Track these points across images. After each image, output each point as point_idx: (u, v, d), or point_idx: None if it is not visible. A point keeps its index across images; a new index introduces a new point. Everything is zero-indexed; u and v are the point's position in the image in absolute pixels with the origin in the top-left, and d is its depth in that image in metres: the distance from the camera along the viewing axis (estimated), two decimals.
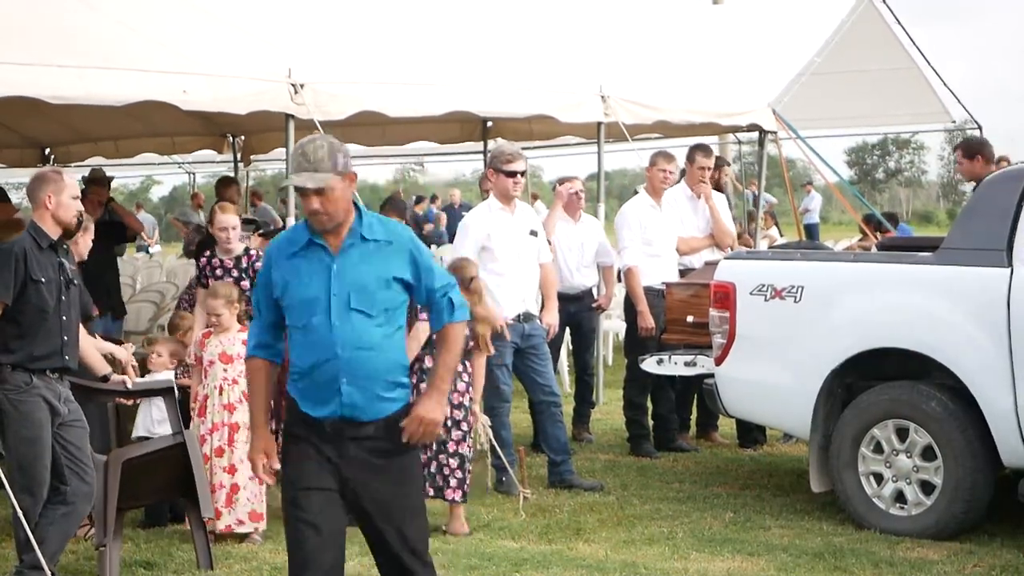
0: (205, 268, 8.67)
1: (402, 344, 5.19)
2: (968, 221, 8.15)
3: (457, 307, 5.20)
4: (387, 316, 5.08)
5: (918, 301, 7.87)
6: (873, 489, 7.95)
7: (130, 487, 7.04)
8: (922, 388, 7.85)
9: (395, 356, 5.13)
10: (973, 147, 10.15)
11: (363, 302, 5.03)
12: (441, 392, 5.19)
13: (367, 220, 5.11)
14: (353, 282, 5.03)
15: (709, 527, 8.07)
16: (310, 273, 5.07)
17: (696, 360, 9.04)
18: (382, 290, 5.05)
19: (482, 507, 8.54)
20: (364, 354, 5.03)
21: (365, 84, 9.79)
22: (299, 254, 5.11)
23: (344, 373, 5.04)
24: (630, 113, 11.95)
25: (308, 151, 5.01)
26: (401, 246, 5.12)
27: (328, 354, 5.04)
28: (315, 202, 4.99)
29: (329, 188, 4.97)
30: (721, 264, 8.82)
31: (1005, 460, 7.60)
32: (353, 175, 5.09)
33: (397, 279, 5.09)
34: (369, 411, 5.08)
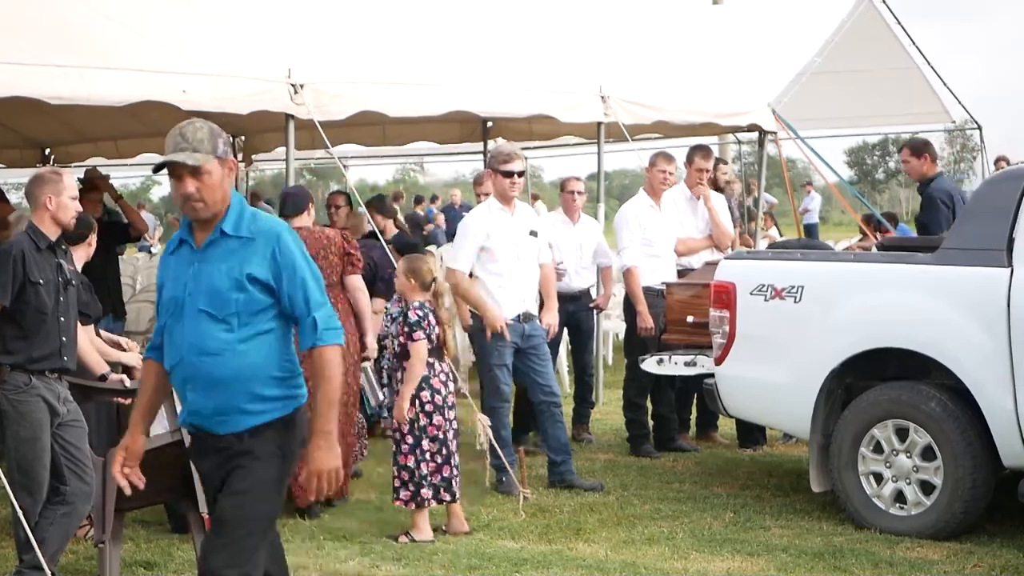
0: None
1: (267, 351, 4.72)
2: (968, 221, 8.15)
3: (323, 329, 4.72)
4: (241, 320, 4.68)
5: (918, 301, 7.87)
6: (873, 489, 7.95)
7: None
8: (922, 388, 7.85)
9: (253, 364, 4.69)
10: (919, 147, 10.13)
11: (212, 303, 4.69)
12: (327, 435, 4.71)
13: (234, 215, 4.76)
14: (206, 282, 4.71)
15: (709, 527, 8.07)
16: (177, 272, 4.82)
17: (696, 360, 9.03)
18: (235, 291, 4.68)
19: (482, 507, 8.54)
20: (208, 360, 4.68)
21: (365, 84, 9.77)
22: (174, 252, 4.88)
23: (189, 379, 4.75)
24: (630, 113, 11.94)
25: (187, 132, 4.72)
26: (264, 244, 4.73)
27: (176, 358, 4.77)
28: (190, 185, 4.67)
29: (207, 171, 4.66)
30: (721, 264, 8.82)
31: (1005, 460, 7.60)
32: (233, 163, 4.80)
33: (254, 279, 4.70)
34: (220, 423, 4.75)
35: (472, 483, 9.03)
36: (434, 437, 7.90)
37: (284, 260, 4.71)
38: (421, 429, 7.88)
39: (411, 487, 7.87)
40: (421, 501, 7.84)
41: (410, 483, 7.87)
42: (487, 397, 9.04)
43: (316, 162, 26.15)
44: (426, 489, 7.85)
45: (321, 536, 7.95)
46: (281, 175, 10.04)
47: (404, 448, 7.88)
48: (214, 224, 4.74)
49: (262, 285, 4.70)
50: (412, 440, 7.86)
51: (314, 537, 7.93)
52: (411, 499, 7.88)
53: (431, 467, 7.87)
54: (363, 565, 7.39)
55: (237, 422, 4.72)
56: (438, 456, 7.91)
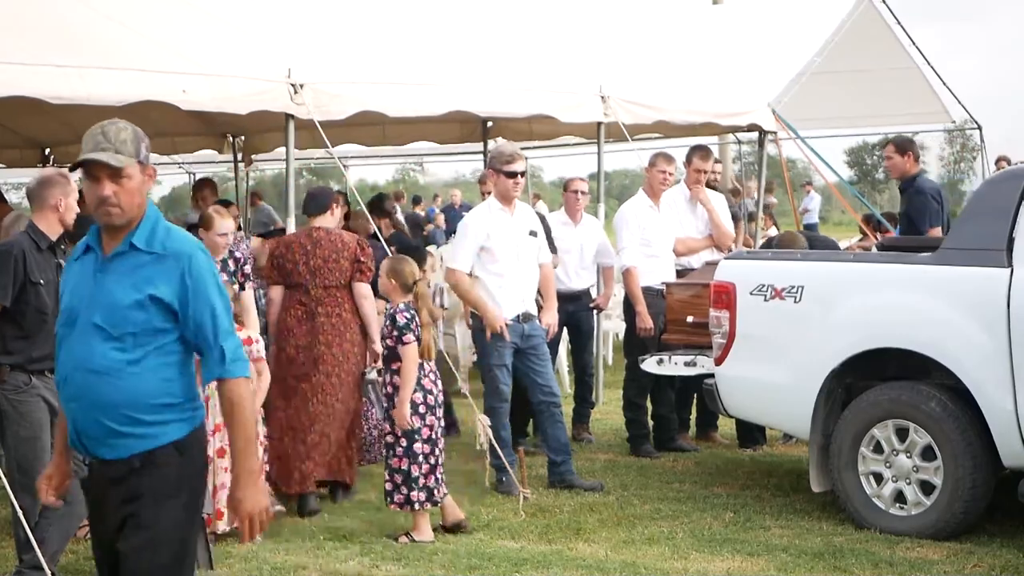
0: None
1: (161, 378, 4.38)
2: (968, 221, 8.15)
3: (231, 360, 4.42)
4: (137, 341, 4.34)
5: (918, 301, 7.87)
6: (873, 489, 7.95)
7: None
8: (922, 388, 7.85)
9: (143, 388, 4.34)
10: (904, 144, 10.17)
11: (108, 319, 4.34)
12: (251, 474, 4.43)
13: (147, 228, 4.43)
14: (107, 296, 4.36)
15: (709, 527, 8.07)
16: (78, 280, 4.48)
17: (696, 360, 9.03)
18: (135, 310, 4.33)
19: (482, 507, 8.54)
20: (94, 379, 4.34)
21: (365, 84, 9.77)
22: (79, 259, 4.54)
23: (73, 398, 4.41)
24: (630, 113, 11.93)
25: (109, 131, 4.39)
26: (174, 263, 4.39)
27: (63, 374, 4.46)
28: (108, 188, 4.34)
29: (127, 175, 4.35)
30: (721, 264, 8.82)
31: (1005, 460, 7.60)
32: (153, 171, 4.51)
33: (157, 300, 4.35)
34: (107, 447, 4.39)
35: (472, 483, 9.03)
36: (427, 438, 7.90)
37: (194, 283, 4.38)
38: (415, 431, 7.88)
39: (403, 490, 7.86)
40: (414, 504, 7.84)
41: (403, 486, 7.86)
42: (487, 397, 9.04)
43: (316, 162, 26.14)
44: (417, 492, 7.84)
45: (321, 536, 7.95)
46: (281, 175, 10.02)
47: (398, 451, 7.87)
48: (125, 234, 4.41)
49: (165, 307, 4.37)
50: (406, 443, 7.86)
51: (314, 537, 7.93)
52: (404, 503, 7.88)
53: (424, 469, 7.87)
54: (363, 565, 7.39)
55: (125, 446, 4.37)
56: (431, 457, 7.91)
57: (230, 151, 15.71)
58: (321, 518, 8.33)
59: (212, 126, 14.65)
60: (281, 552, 7.55)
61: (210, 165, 20.99)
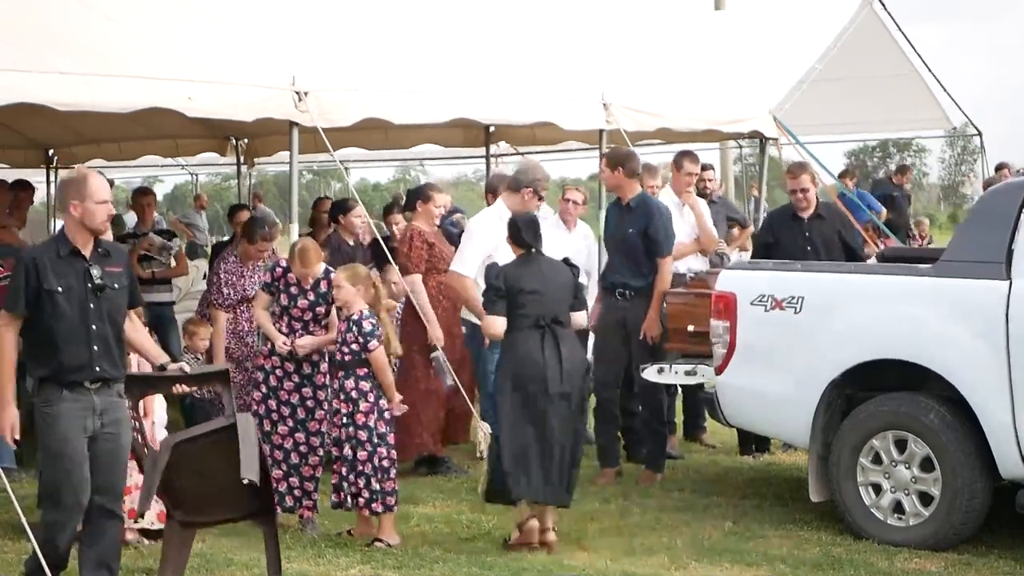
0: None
1: None
2: (967, 233, 8.21)
3: None
4: None
5: (918, 313, 7.92)
6: (872, 499, 7.99)
7: (190, 484, 6.78)
8: (921, 400, 7.90)
9: None
10: (617, 159, 9.72)
11: None
12: None
13: None
14: None
15: (709, 536, 8.12)
16: None
17: (697, 369, 9.06)
18: None
19: (482, 515, 8.57)
20: None
21: (369, 91, 9.80)
22: None
23: None
24: (632, 120, 11.96)
25: None
26: None
27: None
28: None
29: None
30: (722, 274, 8.86)
31: (1003, 472, 7.65)
32: None
33: None
34: None
35: (473, 490, 9.06)
36: (392, 444, 8.14)
37: None
38: (380, 437, 8.03)
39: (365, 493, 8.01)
40: (377, 508, 8.03)
41: (373, 488, 8.00)
42: (484, 403, 9.09)
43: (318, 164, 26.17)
44: (389, 496, 8.03)
45: (323, 543, 7.99)
46: (281, 174, 10.03)
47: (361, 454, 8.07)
48: None
49: None
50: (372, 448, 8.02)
51: (315, 544, 7.97)
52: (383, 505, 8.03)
53: (393, 473, 8.10)
54: (364, 573, 7.43)
55: None
56: (388, 460, 8.06)
57: (233, 154, 15.76)
58: (322, 524, 8.37)
59: (215, 129, 14.68)
60: (283, 560, 7.57)
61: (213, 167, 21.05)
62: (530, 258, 8.02)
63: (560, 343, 7.80)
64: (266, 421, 8.34)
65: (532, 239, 8.01)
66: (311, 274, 8.37)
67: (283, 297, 8.44)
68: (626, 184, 9.60)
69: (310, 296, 8.39)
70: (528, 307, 7.83)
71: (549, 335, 7.81)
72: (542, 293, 7.85)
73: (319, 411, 8.36)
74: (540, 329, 7.81)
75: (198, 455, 6.72)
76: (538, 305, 7.84)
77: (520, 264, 8.01)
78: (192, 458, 6.70)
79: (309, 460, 8.38)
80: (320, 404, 8.36)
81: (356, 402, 8.02)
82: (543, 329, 7.82)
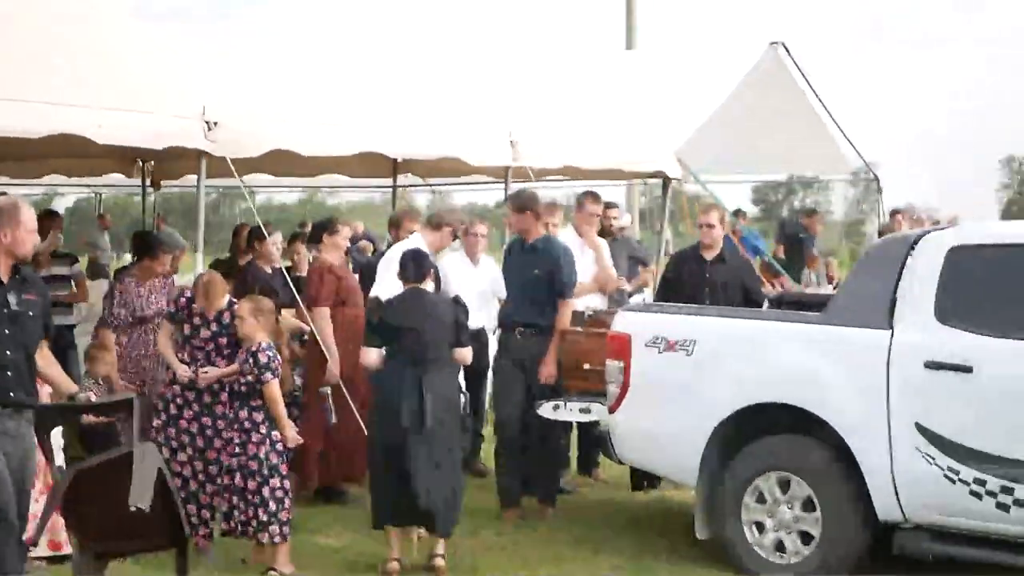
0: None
1: None
2: (854, 282, 8.53)
3: None
4: None
5: (804, 359, 8.21)
6: (755, 537, 8.25)
7: (96, 513, 6.76)
8: (805, 442, 8.18)
9: None
10: (522, 203, 9.97)
11: None
12: None
13: None
14: None
15: (599, 570, 8.32)
16: None
17: (591, 407, 9.27)
18: None
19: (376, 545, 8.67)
20: None
21: (277, 122, 9.94)
22: None
23: None
24: (538, 157, 12.22)
25: None
26: None
27: None
28: None
29: None
30: (618, 315, 9.11)
31: (880, 514, 7.94)
32: None
33: None
34: None
35: None
36: (285, 475, 8.28)
37: None
38: (272, 468, 8.17)
39: (254, 522, 8.15)
40: (274, 537, 8.17)
41: (261, 518, 8.14)
42: None
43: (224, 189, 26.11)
44: (275, 525, 8.14)
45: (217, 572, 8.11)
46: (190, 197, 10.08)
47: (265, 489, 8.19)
48: None
49: None
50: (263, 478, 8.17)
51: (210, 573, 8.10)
52: (279, 535, 8.17)
53: (287, 504, 8.22)
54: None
55: None
56: (281, 491, 8.20)
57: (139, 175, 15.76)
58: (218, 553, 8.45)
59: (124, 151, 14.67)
60: None
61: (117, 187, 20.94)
62: (414, 293, 8.27)
63: (426, 378, 8.04)
64: (165, 449, 8.43)
65: (415, 275, 8.29)
66: (215, 306, 8.49)
67: (186, 327, 8.55)
68: (532, 226, 9.82)
69: (213, 327, 8.52)
70: (404, 341, 8.10)
71: (416, 370, 8.05)
72: (420, 329, 8.11)
73: (217, 440, 8.47)
74: (411, 364, 8.06)
75: (102, 483, 6.72)
76: (414, 340, 8.09)
77: (402, 299, 8.29)
78: (97, 486, 6.72)
79: (207, 488, 8.48)
80: (219, 433, 8.47)
81: (249, 432, 8.16)
82: (413, 364, 8.07)
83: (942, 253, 8.00)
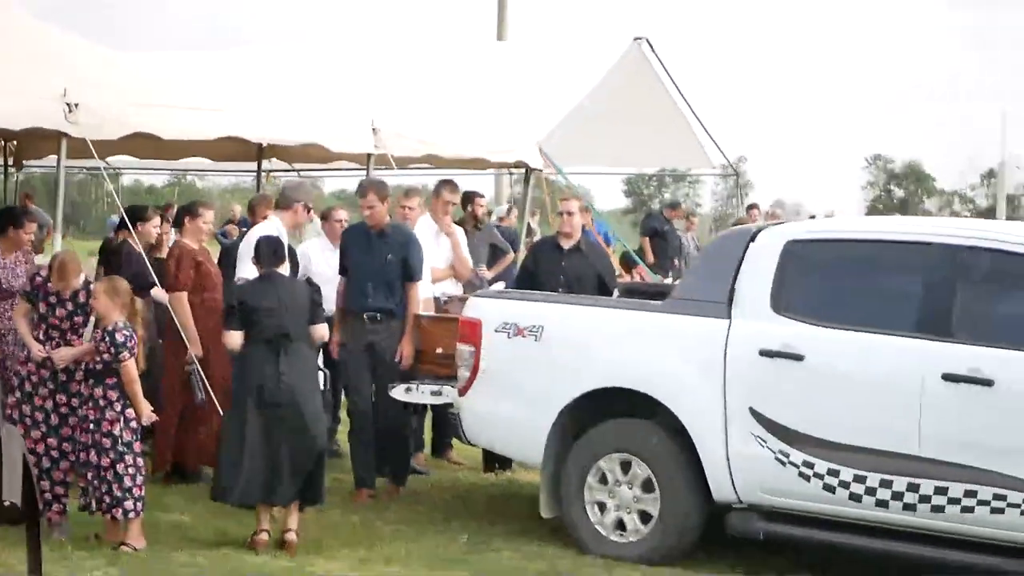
0: None
1: None
2: (696, 273, 8.90)
3: None
4: None
5: (647, 346, 8.55)
6: (597, 517, 8.56)
7: None
8: (646, 426, 8.51)
9: None
10: (384, 189, 10.16)
11: None
12: None
13: None
14: None
15: (445, 549, 8.58)
16: None
17: (442, 390, 9.52)
18: None
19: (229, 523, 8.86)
20: None
21: (139, 106, 10.03)
22: None
23: None
24: (400, 145, 12.40)
25: None
26: None
27: None
28: None
29: None
30: (470, 301, 9.37)
31: (715, 495, 8.30)
32: None
33: None
34: None
35: None
36: (139, 452, 8.44)
37: None
38: (126, 445, 8.31)
39: (107, 498, 8.29)
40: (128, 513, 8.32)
41: (115, 494, 8.28)
42: None
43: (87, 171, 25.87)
44: (128, 501, 8.28)
45: (70, 546, 8.21)
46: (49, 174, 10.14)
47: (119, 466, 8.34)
48: None
49: None
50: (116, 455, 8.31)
51: (63, 547, 8.17)
52: (132, 511, 8.30)
53: (140, 480, 8.38)
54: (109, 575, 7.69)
55: None
56: (134, 468, 8.35)
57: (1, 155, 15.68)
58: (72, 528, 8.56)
59: None
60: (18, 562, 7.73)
61: None
62: (269, 278, 8.67)
63: (285, 356, 8.43)
64: (20, 425, 8.51)
65: (268, 261, 8.69)
66: (70, 286, 8.60)
67: (42, 306, 8.64)
68: (385, 212, 10.03)
69: (69, 306, 8.61)
70: (261, 323, 8.47)
71: (275, 349, 8.44)
72: (276, 311, 8.48)
73: (72, 418, 8.57)
74: (270, 343, 8.44)
75: None
76: (271, 321, 8.46)
77: (258, 283, 8.73)
78: None
79: (60, 465, 8.58)
80: (74, 411, 8.57)
81: (103, 410, 8.30)
82: (272, 343, 8.44)
83: (778, 247, 8.38)
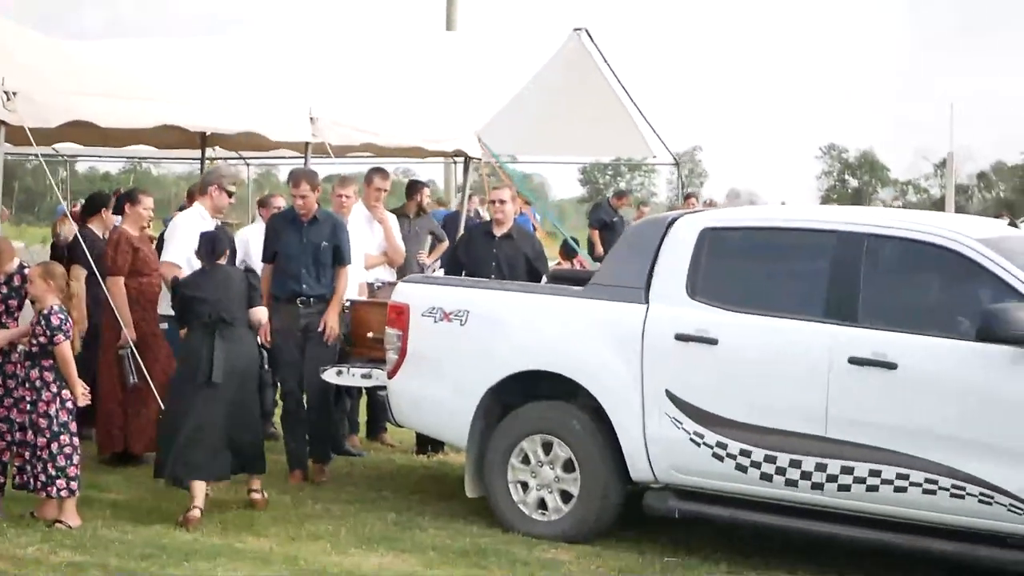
0: None
1: None
2: (616, 259, 9.17)
3: None
4: None
5: (568, 330, 8.82)
6: (519, 496, 8.85)
7: None
8: (567, 408, 8.80)
9: None
10: (316, 178, 10.52)
11: None
12: None
13: None
14: None
15: (371, 527, 8.85)
16: None
17: (372, 373, 9.79)
18: None
19: (164, 502, 9.11)
20: None
21: (77, 95, 10.19)
22: None
23: None
24: (338, 134, 12.59)
25: None
26: None
27: None
28: None
29: None
30: (399, 286, 9.64)
31: (633, 475, 8.60)
32: None
33: None
34: None
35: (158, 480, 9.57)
36: (75, 432, 8.68)
37: None
38: (62, 425, 8.57)
39: (43, 476, 8.54)
40: (62, 491, 8.56)
41: (50, 473, 8.53)
42: None
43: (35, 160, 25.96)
44: (62, 480, 8.52)
45: (5, 524, 8.43)
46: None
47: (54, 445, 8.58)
48: None
49: None
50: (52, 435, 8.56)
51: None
52: (66, 489, 8.55)
53: (76, 460, 8.62)
54: (42, 552, 7.92)
55: None
56: (70, 447, 8.59)
57: None
58: (7, 506, 8.78)
59: None
60: None
61: None
62: (209, 269, 9.22)
63: (221, 339, 8.95)
64: None
65: (207, 255, 9.21)
66: (3, 270, 8.80)
67: None
68: (314, 201, 10.28)
69: (3, 290, 8.82)
70: (200, 310, 8.99)
71: (211, 332, 8.96)
72: (213, 299, 8.99)
73: (8, 399, 8.78)
74: (207, 327, 8.95)
75: None
76: (209, 309, 8.97)
77: (198, 275, 9.28)
78: None
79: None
80: (10, 392, 8.77)
81: (39, 391, 8.53)
82: (208, 326, 8.96)
83: (694, 234, 8.67)
